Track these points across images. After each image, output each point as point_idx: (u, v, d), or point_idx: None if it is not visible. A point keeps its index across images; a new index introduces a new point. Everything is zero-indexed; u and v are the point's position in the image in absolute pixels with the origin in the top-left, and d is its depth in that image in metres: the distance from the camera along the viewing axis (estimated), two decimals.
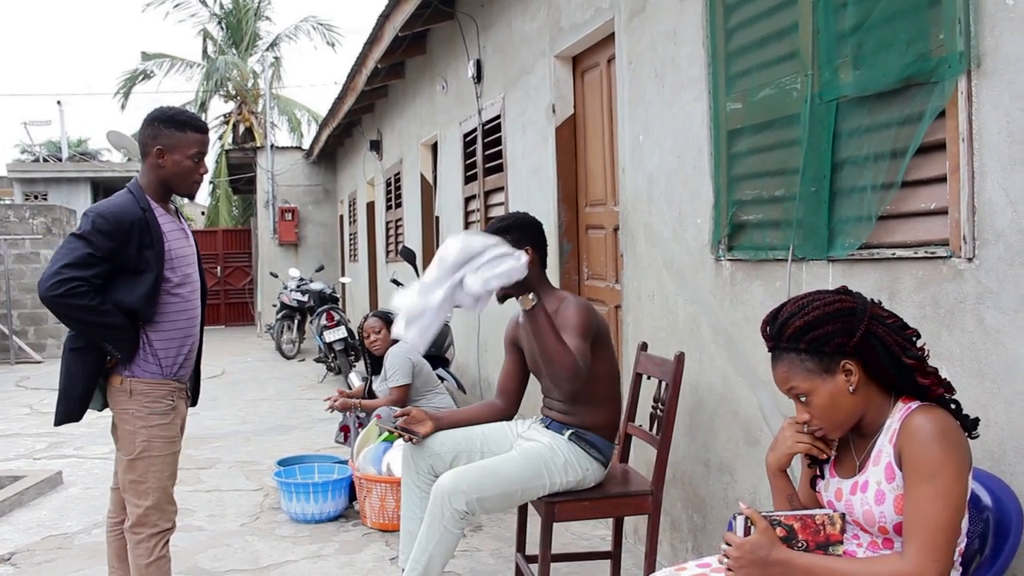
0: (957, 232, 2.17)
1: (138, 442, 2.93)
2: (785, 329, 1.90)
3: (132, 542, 2.97)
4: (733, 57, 3.15)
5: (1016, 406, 2.04)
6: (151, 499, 2.95)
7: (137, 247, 2.84)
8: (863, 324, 1.85)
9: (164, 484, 2.98)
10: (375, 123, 11.59)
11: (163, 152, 2.91)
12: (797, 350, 1.89)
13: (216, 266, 20.77)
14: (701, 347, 3.44)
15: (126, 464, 2.95)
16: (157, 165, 2.93)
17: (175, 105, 3.28)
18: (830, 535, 1.90)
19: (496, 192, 6.32)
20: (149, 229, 2.87)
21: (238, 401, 9.23)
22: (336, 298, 12.35)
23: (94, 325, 2.80)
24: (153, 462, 2.94)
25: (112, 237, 2.79)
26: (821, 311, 1.87)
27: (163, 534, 2.98)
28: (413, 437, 3.23)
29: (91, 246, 2.78)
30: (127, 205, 2.87)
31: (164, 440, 2.97)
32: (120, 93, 24.07)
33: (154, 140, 2.92)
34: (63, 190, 17.89)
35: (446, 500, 2.90)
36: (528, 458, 3.05)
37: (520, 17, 5.60)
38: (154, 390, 2.94)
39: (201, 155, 2.98)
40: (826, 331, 1.85)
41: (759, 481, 3.08)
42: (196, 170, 2.97)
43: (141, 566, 2.95)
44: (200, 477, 5.82)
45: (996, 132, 2.06)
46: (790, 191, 2.82)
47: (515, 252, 2.72)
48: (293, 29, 24.33)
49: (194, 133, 2.94)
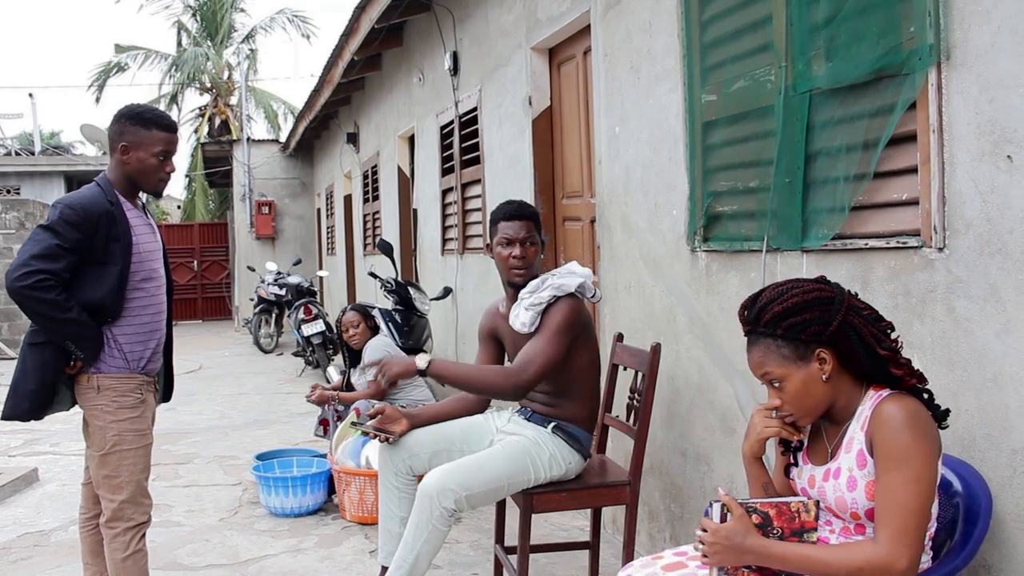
0: (928, 222, 2.19)
1: (109, 437, 2.92)
2: (763, 315, 1.92)
3: (108, 537, 2.97)
4: (708, 49, 3.17)
5: (985, 394, 2.07)
6: (125, 493, 2.94)
7: (104, 239, 2.83)
8: (840, 314, 1.87)
9: (138, 478, 2.98)
10: (352, 115, 11.54)
11: (128, 149, 2.91)
12: (774, 336, 1.91)
13: (193, 260, 20.62)
14: (677, 338, 3.47)
15: (99, 460, 2.94)
16: (122, 161, 2.93)
17: (145, 101, 3.28)
18: (804, 522, 1.93)
19: (473, 184, 6.31)
20: (116, 222, 2.86)
21: (216, 396, 9.19)
22: (314, 292, 12.31)
23: (57, 321, 2.78)
24: (125, 456, 2.94)
25: (80, 228, 2.79)
26: (800, 299, 1.90)
27: (139, 528, 2.98)
28: (389, 437, 3.21)
29: (58, 237, 2.77)
30: (95, 197, 2.87)
31: (135, 433, 2.96)
32: (95, 86, 23.83)
33: (120, 136, 2.92)
34: (36, 184, 17.66)
35: (435, 499, 2.89)
36: (513, 453, 3.05)
37: (497, 9, 5.60)
38: (121, 384, 2.94)
39: (167, 153, 2.96)
40: (803, 319, 1.88)
41: (736, 470, 3.11)
42: (161, 168, 2.96)
43: (118, 560, 2.95)
44: (178, 472, 5.80)
45: (965, 123, 2.09)
46: (764, 182, 2.84)
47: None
48: (268, 21, 24.16)
49: (160, 131, 2.93)
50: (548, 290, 3.09)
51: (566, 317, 3.06)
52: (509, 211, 3.21)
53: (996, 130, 2.01)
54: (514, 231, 3.17)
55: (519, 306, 3.14)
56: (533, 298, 3.10)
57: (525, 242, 3.17)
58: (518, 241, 3.16)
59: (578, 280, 3.13)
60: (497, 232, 3.21)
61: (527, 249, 3.17)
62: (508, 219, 3.19)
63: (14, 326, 13.84)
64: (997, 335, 2.03)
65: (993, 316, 2.04)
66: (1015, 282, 1.98)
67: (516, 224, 3.18)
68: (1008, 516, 2.02)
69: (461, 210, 6.57)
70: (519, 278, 3.17)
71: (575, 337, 3.10)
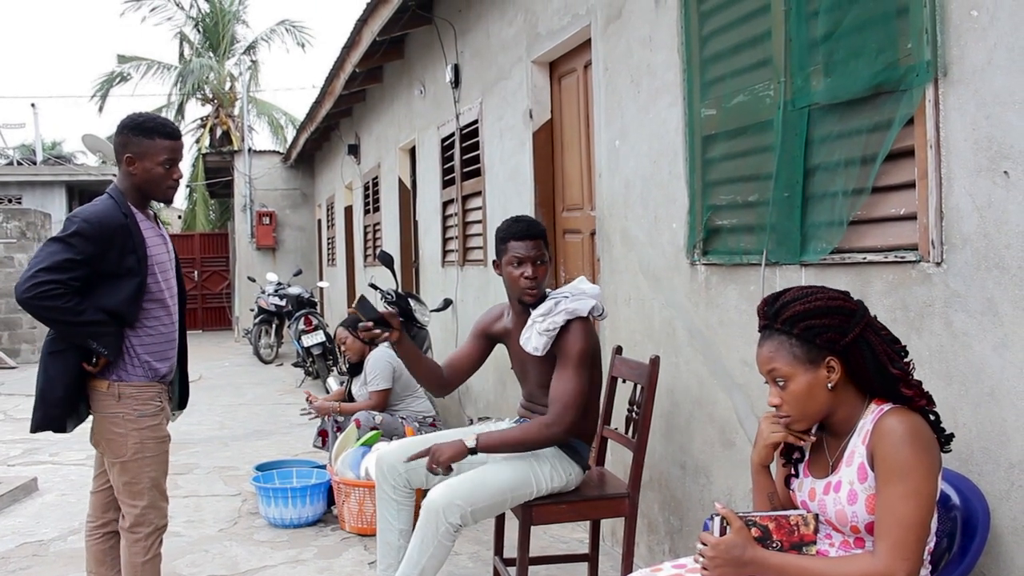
0: (926, 237, 2.21)
1: (130, 444, 2.95)
2: (784, 311, 1.93)
3: (129, 541, 3.01)
4: (708, 64, 3.19)
5: (983, 408, 2.08)
6: (146, 499, 2.99)
7: (119, 252, 2.85)
8: (858, 327, 1.89)
9: (157, 482, 3.03)
10: (353, 127, 11.57)
11: (133, 160, 2.93)
12: (789, 334, 1.92)
13: (193, 270, 20.61)
14: (677, 350, 3.48)
15: (119, 467, 2.97)
16: (129, 172, 2.95)
17: (149, 110, 3.31)
18: (804, 535, 1.94)
19: (474, 196, 6.33)
20: (131, 235, 2.89)
21: (216, 406, 9.18)
22: (314, 302, 12.31)
23: (73, 325, 2.80)
24: (146, 463, 2.98)
25: (95, 242, 2.80)
26: (823, 303, 1.91)
27: (158, 532, 3.04)
28: (391, 332, 3.07)
29: (71, 249, 2.78)
30: (111, 210, 2.89)
31: (156, 440, 3.01)
32: (97, 96, 23.87)
33: (124, 148, 2.94)
34: (37, 194, 17.68)
35: (440, 514, 2.88)
36: (515, 466, 3.05)
37: (498, 22, 5.63)
38: (142, 392, 2.98)
39: (172, 161, 2.98)
40: (822, 323, 1.89)
41: (735, 483, 3.12)
42: (169, 176, 2.98)
43: (137, 564, 3.00)
44: (178, 483, 5.79)
45: (962, 139, 2.11)
46: (763, 196, 2.86)
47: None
48: (268, 32, 24.23)
49: (163, 140, 2.95)
50: (562, 315, 3.06)
51: (584, 347, 3.05)
52: (519, 231, 3.16)
53: (993, 146, 2.03)
54: (525, 251, 3.12)
55: (531, 328, 3.11)
56: (547, 323, 3.06)
57: (536, 261, 3.12)
58: (529, 261, 3.11)
59: (591, 303, 3.11)
60: (507, 251, 3.15)
61: (538, 269, 3.12)
62: (519, 239, 3.14)
63: (14, 335, 13.85)
64: (994, 349, 2.04)
65: (990, 330, 2.05)
66: (1012, 297, 1.99)
67: (527, 244, 3.13)
68: (1005, 529, 2.03)
69: (462, 222, 6.59)
70: (530, 298, 3.14)
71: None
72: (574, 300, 3.10)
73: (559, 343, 3.08)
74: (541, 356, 3.11)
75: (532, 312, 3.13)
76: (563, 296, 3.12)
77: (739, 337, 3.04)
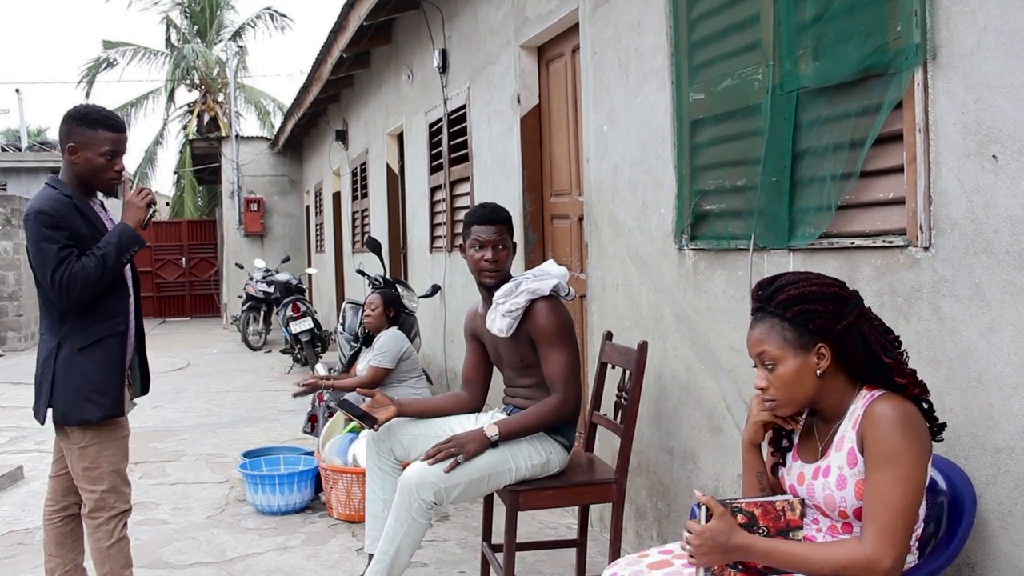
0: (914, 221, 2.20)
1: (87, 430, 2.94)
2: (778, 294, 1.92)
3: (91, 527, 3.00)
4: (696, 47, 3.17)
5: (970, 393, 2.08)
6: (106, 483, 2.97)
7: (82, 227, 2.89)
8: (851, 315, 1.88)
9: (118, 467, 3.01)
10: (341, 113, 11.52)
11: (75, 149, 2.93)
12: (782, 317, 1.91)
13: (181, 257, 20.55)
14: (665, 336, 3.47)
15: (77, 453, 2.96)
16: (71, 162, 2.95)
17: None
18: (790, 521, 1.94)
19: (462, 182, 6.31)
20: (81, 212, 2.92)
21: (204, 393, 9.15)
22: (302, 289, 12.28)
23: (108, 267, 2.86)
24: (104, 447, 2.96)
25: (59, 226, 2.84)
26: (819, 289, 1.91)
27: (121, 516, 3.02)
28: (375, 424, 3.24)
29: (54, 242, 2.83)
30: (52, 195, 2.91)
31: (111, 426, 2.99)
32: (84, 82, 23.67)
33: (67, 137, 2.94)
34: (23, 180, 17.55)
35: (414, 491, 2.91)
36: None
37: (486, 6, 5.59)
38: None
39: (115, 153, 2.97)
40: (816, 308, 1.88)
41: (722, 469, 3.12)
42: (110, 167, 2.97)
43: (102, 549, 2.98)
44: (165, 470, 5.77)
45: (951, 123, 2.10)
46: (751, 181, 2.84)
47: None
48: (254, 18, 24.05)
49: (106, 132, 2.94)
50: (523, 295, 3.12)
51: (558, 323, 3.11)
52: (482, 215, 3.26)
53: (982, 130, 2.02)
54: (487, 235, 3.22)
55: (495, 311, 3.18)
56: (509, 304, 3.13)
57: (497, 245, 3.22)
58: (490, 244, 3.22)
59: (552, 282, 3.16)
60: (470, 235, 3.26)
61: (499, 253, 3.23)
62: (481, 223, 3.25)
63: (0, 323, 13.76)
64: (982, 334, 2.04)
65: (978, 315, 2.05)
66: (1000, 281, 1.99)
67: (488, 228, 3.23)
68: (992, 514, 2.03)
69: (450, 208, 6.57)
70: (490, 280, 3.23)
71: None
72: (536, 280, 3.16)
73: (532, 326, 3.12)
74: (512, 339, 3.17)
75: (495, 294, 3.19)
76: (524, 277, 3.20)
77: (727, 323, 3.04)
